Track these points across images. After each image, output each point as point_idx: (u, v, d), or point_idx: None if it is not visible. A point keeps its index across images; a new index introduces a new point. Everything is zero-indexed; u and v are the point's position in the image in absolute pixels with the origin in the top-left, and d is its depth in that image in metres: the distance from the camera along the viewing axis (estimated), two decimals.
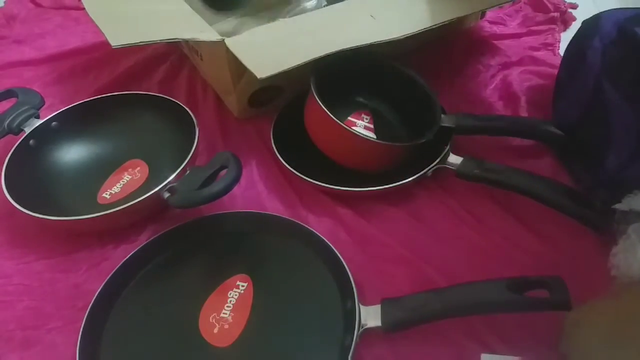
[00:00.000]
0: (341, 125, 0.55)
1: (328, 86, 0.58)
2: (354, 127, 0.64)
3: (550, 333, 0.45)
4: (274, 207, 0.60)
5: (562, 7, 0.88)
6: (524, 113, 0.69)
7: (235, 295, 0.50)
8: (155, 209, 0.58)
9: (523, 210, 0.57)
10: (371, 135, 0.64)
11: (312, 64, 0.54)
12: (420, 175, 0.58)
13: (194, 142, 0.58)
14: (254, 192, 0.62)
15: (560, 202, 0.53)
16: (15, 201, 0.53)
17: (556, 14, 0.87)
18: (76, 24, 0.91)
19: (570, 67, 0.64)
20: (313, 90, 0.56)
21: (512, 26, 0.87)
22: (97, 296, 0.49)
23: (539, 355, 0.45)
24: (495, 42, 0.83)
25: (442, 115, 0.60)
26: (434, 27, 0.60)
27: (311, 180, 0.58)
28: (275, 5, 0.88)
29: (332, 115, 0.55)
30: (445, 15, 0.62)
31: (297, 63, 0.53)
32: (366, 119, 0.66)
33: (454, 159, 0.58)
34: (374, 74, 0.66)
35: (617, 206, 0.46)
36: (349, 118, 0.65)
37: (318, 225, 0.57)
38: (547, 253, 0.53)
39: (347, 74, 0.63)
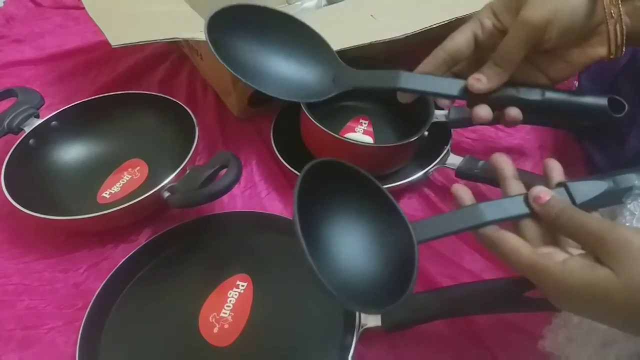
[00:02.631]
0: (332, 135, 0.55)
1: None
2: (352, 133, 0.64)
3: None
4: (274, 207, 0.60)
5: None
6: None
7: (235, 295, 0.50)
8: (155, 209, 0.58)
9: None
10: (369, 139, 0.64)
11: None
12: (421, 175, 0.58)
13: (193, 141, 0.58)
14: (254, 192, 0.62)
15: None
16: (15, 201, 0.53)
17: None
18: (76, 24, 0.91)
19: None
20: (302, 103, 0.56)
21: None
22: (96, 296, 0.49)
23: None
24: None
25: (436, 111, 0.60)
26: (434, 27, 0.60)
27: None
28: (275, 5, 0.88)
29: (321, 127, 0.55)
30: (445, 15, 0.62)
31: None
32: (365, 123, 0.66)
33: (454, 159, 0.58)
34: None
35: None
36: (348, 124, 0.65)
37: None
38: None
39: None
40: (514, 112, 0.41)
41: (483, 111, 0.41)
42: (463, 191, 0.39)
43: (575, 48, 0.39)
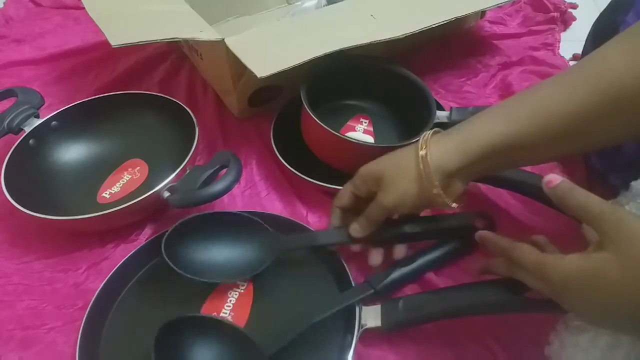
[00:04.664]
0: (334, 133, 0.55)
1: (324, 94, 0.58)
2: (352, 132, 0.64)
3: (549, 334, 0.45)
4: (274, 207, 0.60)
5: (562, 7, 0.88)
6: None
7: (235, 294, 0.50)
8: (155, 209, 0.58)
9: (523, 210, 0.57)
10: (370, 139, 0.64)
11: (303, 75, 0.54)
12: None
13: (193, 141, 0.58)
14: (254, 191, 0.62)
15: None
16: (15, 201, 0.53)
17: (556, 14, 0.87)
18: (76, 24, 0.91)
19: (598, 43, 0.61)
20: (304, 102, 0.56)
21: (512, 26, 0.87)
22: (97, 295, 0.49)
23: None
24: (495, 42, 0.83)
25: (437, 112, 0.60)
26: (434, 26, 0.60)
27: (311, 180, 0.58)
28: (275, 5, 0.88)
29: (323, 125, 0.55)
30: (445, 15, 0.62)
31: (297, 62, 0.53)
32: (365, 122, 0.66)
33: None
34: (370, 77, 0.66)
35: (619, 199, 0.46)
36: (348, 123, 0.65)
37: (318, 225, 0.57)
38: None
39: (343, 80, 0.63)
40: (398, 249, 0.51)
41: (374, 258, 0.51)
42: None
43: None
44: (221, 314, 0.49)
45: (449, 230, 0.53)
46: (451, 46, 0.81)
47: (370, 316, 0.45)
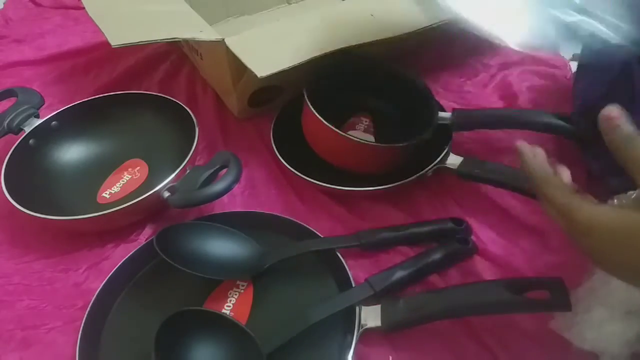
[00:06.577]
0: (336, 131, 0.55)
1: (325, 90, 0.58)
2: (353, 131, 0.64)
3: (549, 334, 0.45)
4: (273, 206, 0.60)
5: None
6: None
7: (235, 294, 0.50)
8: (155, 209, 0.58)
9: (523, 210, 0.57)
10: (370, 138, 0.64)
11: (306, 71, 0.54)
12: (420, 175, 0.58)
13: (193, 141, 0.58)
14: (254, 191, 0.62)
15: None
16: (15, 201, 0.53)
17: None
18: (76, 24, 0.91)
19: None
20: (306, 98, 0.56)
21: None
22: (96, 295, 0.49)
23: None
24: (495, 41, 0.83)
25: (439, 113, 0.60)
26: (434, 26, 0.60)
27: (311, 180, 0.58)
28: (275, 5, 0.89)
29: (325, 122, 0.55)
30: (445, 15, 0.62)
31: (298, 62, 0.53)
32: (365, 121, 0.66)
33: (454, 159, 0.58)
34: (372, 75, 0.66)
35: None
36: (349, 121, 0.65)
37: (318, 225, 0.57)
38: (547, 253, 0.53)
39: (345, 77, 0.63)
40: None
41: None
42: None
43: None
44: None
45: (428, 234, 0.54)
46: (451, 46, 0.81)
47: (370, 316, 0.45)
